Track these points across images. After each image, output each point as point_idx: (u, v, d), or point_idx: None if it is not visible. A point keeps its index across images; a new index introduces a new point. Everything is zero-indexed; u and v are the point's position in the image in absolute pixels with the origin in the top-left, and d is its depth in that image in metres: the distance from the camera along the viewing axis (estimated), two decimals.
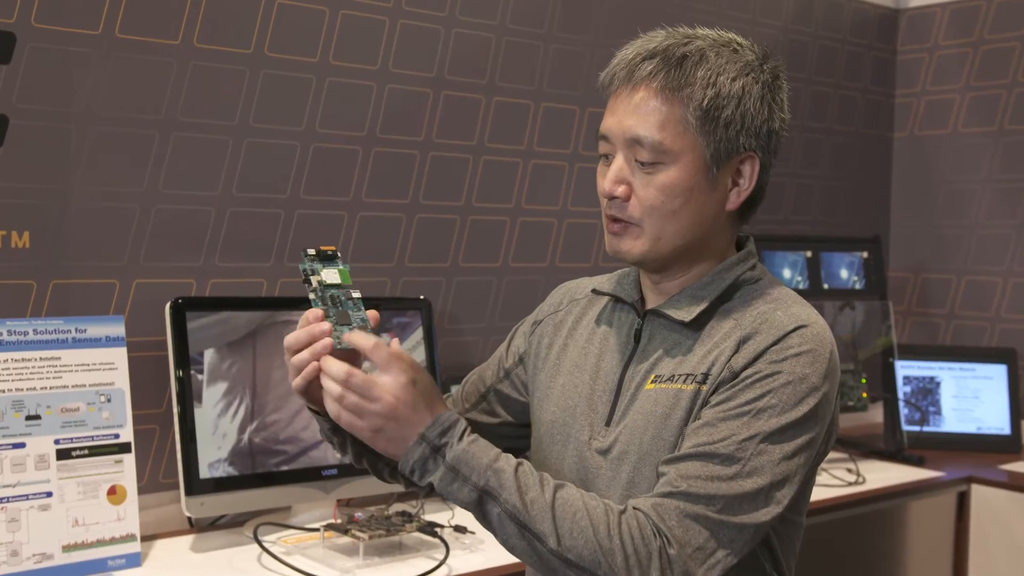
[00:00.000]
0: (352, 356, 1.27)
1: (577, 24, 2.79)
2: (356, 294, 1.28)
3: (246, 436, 2.09)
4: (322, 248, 1.30)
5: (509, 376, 1.49)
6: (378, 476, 1.42)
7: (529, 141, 2.73)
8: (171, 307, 2.06)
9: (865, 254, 3.14)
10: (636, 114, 1.28)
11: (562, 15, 2.76)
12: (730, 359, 1.26)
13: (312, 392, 1.27)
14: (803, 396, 1.23)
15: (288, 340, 1.25)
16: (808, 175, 3.42)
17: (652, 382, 1.31)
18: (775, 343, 1.25)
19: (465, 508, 1.22)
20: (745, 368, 1.25)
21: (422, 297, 2.44)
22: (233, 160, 2.26)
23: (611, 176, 1.30)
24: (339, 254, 1.30)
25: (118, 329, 1.98)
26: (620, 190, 1.29)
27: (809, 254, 3.03)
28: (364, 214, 2.46)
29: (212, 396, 2.07)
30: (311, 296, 1.26)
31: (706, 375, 1.27)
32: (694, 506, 1.19)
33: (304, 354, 1.24)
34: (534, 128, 2.73)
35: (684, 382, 1.28)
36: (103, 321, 1.96)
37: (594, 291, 1.46)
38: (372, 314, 1.28)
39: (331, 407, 1.21)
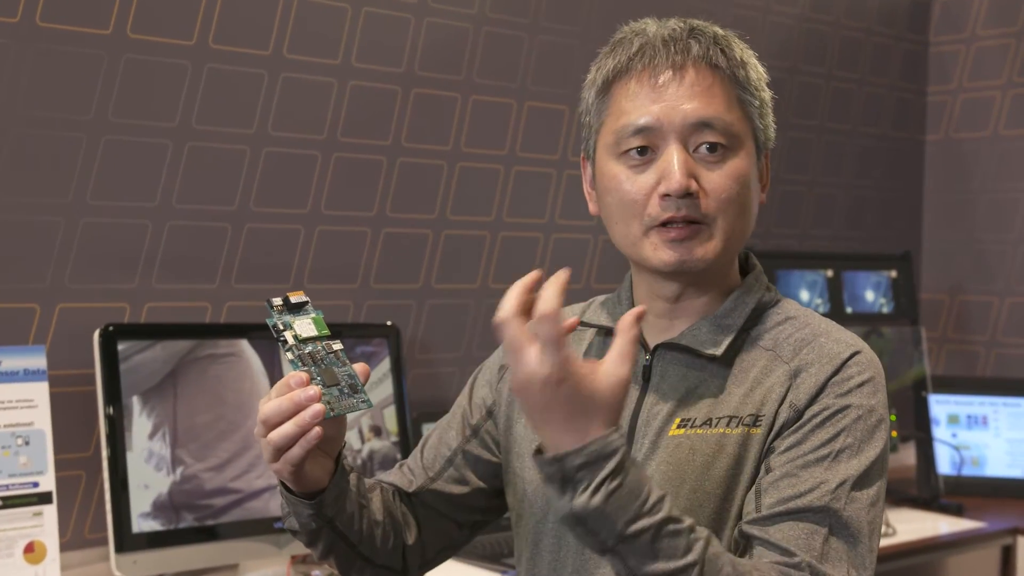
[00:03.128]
0: (339, 426, 1.26)
1: (566, 13, 2.79)
2: (337, 345, 1.26)
3: (167, 488, 2.06)
4: (289, 296, 1.27)
5: (478, 434, 1.45)
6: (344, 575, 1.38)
7: (511, 145, 2.73)
8: (101, 335, 2.04)
9: (894, 273, 3.15)
10: (695, 96, 1.28)
11: (548, 3, 2.76)
12: (784, 396, 1.26)
13: (299, 471, 1.23)
14: (873, 429, 1.25)
15: (266, 411, 1.20)
16: (829, 183, 3.42)
17: (679, 427, 1.29)
18: (835, 374, 1.26)
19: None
20: (809, 405, 1.25)
21: (390, 323, 2.43)
22: (173, 167, 2.25)
23: (681, 168, 1.27)
24: (308, 300, 1.28)
25: (39, 361, 1.96)
26: (693, 185, 1.28)
27: (830, 273, 3.03)
28: (323, 228, 2.45)
29: (139, 439, 2.05)
30: (289, 357, 1.23)
31: (756, 416, 1.27)
32: (822, 565, 1.19)
33: (288, 427, 1.18)
34: (517, 131, 2.73)
35: (728, 426, 1.27)
36: (21, 352, 1.95)
37: (583, 323, 1.42)
38: (361, 367, 1.25)
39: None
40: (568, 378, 1.08)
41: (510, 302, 1.10)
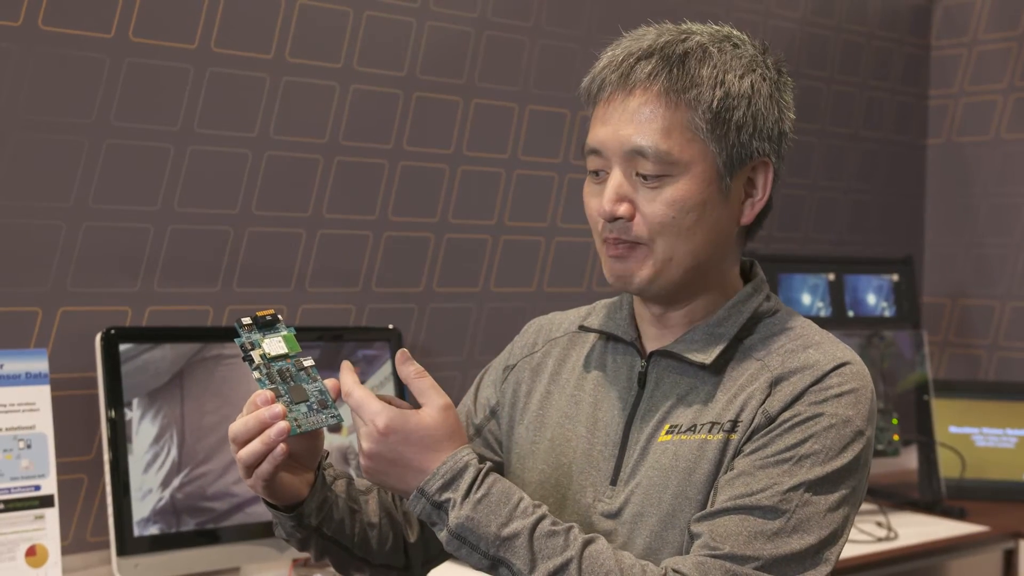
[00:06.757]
0: (313, 440, 1.28)
1: (567, 17, 2.79)
2: (308, 362, 1.28)
3: (168, 492, 2.07)
4: (258, 314, 1.29)
5: (481, 434, 1.47)
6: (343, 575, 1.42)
7: (513, 149, 2.73)
8: (102, 338, 2.04)
9: (895, 277, 3.15)
10: (635, 121, 1.28)
11: (550, 6, 2.76)
12: (763, 403, 1.27)
13: (272, 486, 1.26)
14: (848, 441, 1.25)
15: (234, 429, 1.24)
16: (831, 187, 3.43)
17: (667, 433, 1.31)
18: (815, 383, 1.26)
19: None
20: (783, 411, 1.26)
21: (391, 327, 2.43)
22: (175, 171, 2.25)
23: (610, 194, 1.29)
24: (279, 317, 1.30)
25: (40, 364, 1.96)
26: (622, 209, 1.29)
27: (832, 277, 3.03)
28: (325, 232, 2.45)
29: (142, 442, 2.06)
30: (256, 376, 1.26)
31: (735, 422, 1.27)
32: (741, 567, 1.19)
33: (255, 445, 1.22)
34: (519, 134, 2.73)
35: (709, 432, 1.28)
36: (23, 355, 1.95)
37: (582, 327, 1.44)
38: (332, 383, 1.27)
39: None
40: (391, 425, 1.21)
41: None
